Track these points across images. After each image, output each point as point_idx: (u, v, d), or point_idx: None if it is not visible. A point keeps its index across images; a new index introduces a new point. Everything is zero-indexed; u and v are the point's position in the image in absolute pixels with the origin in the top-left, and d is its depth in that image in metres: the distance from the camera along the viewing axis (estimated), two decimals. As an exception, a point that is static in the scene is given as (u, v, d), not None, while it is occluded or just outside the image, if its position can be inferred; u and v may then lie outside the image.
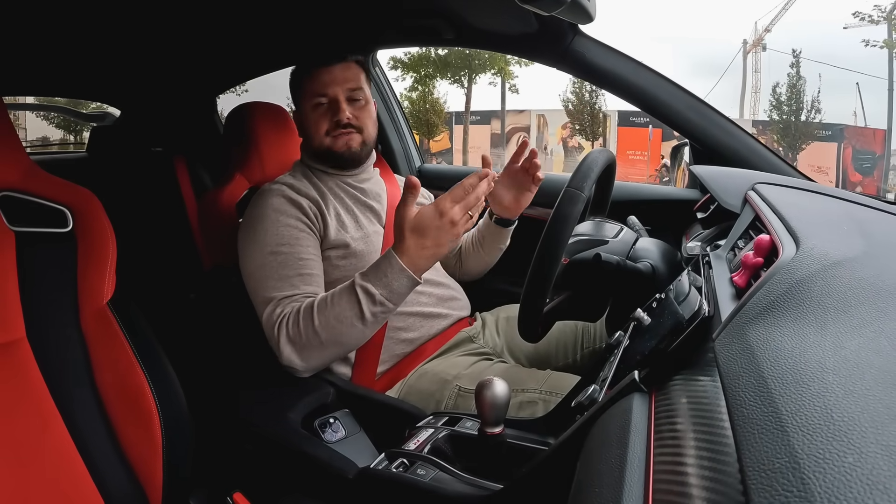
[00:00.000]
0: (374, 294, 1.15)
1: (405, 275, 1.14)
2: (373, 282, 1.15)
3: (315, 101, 1.41)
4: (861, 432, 0.32)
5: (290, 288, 1.24)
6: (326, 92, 1.40)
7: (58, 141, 16.52)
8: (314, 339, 1.17)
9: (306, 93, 1.42)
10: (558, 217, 0.96)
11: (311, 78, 1.41)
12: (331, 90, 1.40)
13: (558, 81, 29.16)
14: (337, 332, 1.16)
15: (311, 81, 1.41)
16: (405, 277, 1.14)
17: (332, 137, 1.41)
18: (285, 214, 1.31)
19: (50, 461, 0.89)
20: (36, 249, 0.96)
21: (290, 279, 1.25)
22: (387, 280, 1.15)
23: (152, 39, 1.66)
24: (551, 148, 20.44)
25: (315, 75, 1.41)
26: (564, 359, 1.43)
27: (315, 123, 1.41)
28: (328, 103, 1.41)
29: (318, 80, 1.40)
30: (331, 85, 1.40)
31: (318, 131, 1.41)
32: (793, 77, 17.55)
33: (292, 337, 1.18)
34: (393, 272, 1.14)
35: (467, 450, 0.98)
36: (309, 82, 1.41)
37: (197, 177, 2.09)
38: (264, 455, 1.09)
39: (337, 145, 1.41)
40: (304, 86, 1.42)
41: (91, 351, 0.96)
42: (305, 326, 1.17)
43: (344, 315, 1.15)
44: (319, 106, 1.41)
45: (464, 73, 19.94)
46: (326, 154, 1.43)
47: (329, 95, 1.40)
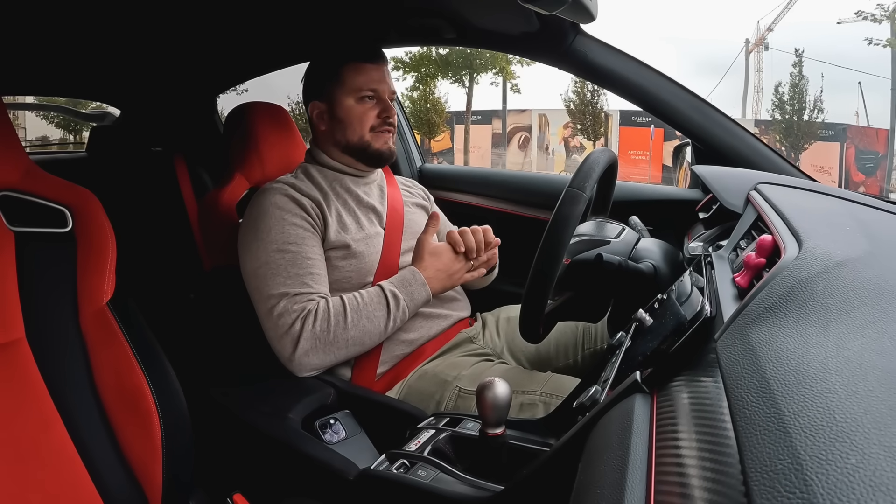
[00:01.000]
0: (400, 299, 1.27)
1: (425, 289, 1.30)
2: (399, 288, 1.28)
3: (361, 95, 1.40)
4: (864, 433, 0.32)
5: (302, 286, 1.25)
6: (376, 88, 1.41)
7: (57, 140, 16.57)
8: (341, 336, 1.22)
9: (349, 85, 1.40)
10: (560, 217, 0.96)
11: (359, 71, 1.40)
12: (381, 87, 1.42)
13: (560, 81, 29.23)
14: (364, 332, 1.24)
15: (359, 75, 1.40)
16: (424, 291, 1.30)
17: (375, 134, 1.42)
18: (290, 213, 1.31)
19: (49, 462, 0.89)
20: (35, 249, 0.96)
21: (301, 277, 1.25)
22: (411, 290, 1.29)
23: (152, 39, 1.66)
24: (553, 148, 20.47)
25: (364, 69, 1.41)
26: (565, 359, 1.42)
27: (360, 117, 1.41)
28: (377, 98, 1.42)
29: (367, 74, 1.41)
30: (380, 82, 1.42)
31: (362, 125, 1.41)
32: (795, 76, 17.57)
33: (318, 333, 1.20)
34: (416, 284, 1.30)
35: (468, 451, 0.98)
36: (355, 75, 1.40)
37: (197, 177, 2.09)
38: (264, 456, 1.09)
39: (378, 142, 1.43)
40: (347, 77, 1.40)
41: (90, 351, 0.95)
42: (336, 323, 1.21)
43: (375, 315, 1.25)
44: (366, 100, 1.41)
45: (465, 73, 19.98)
46: (362, 149, 1.43)
47: (378, 92, 1.41)
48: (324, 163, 1.46)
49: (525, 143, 20.69)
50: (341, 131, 1.43)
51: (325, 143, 1.47)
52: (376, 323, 1.24)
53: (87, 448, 0.92)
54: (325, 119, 1.44)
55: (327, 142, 1.46)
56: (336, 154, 1.45)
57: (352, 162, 1.45)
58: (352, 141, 1.42)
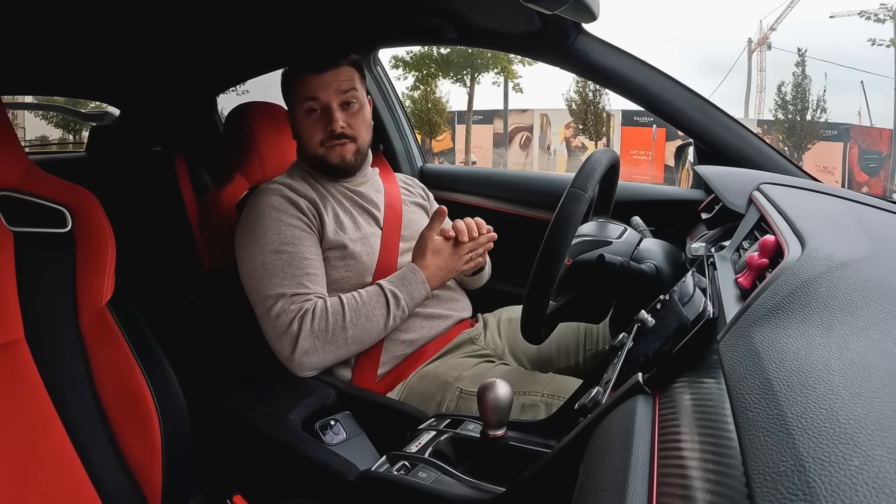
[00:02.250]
0: (400, 298, 1.27)
1: (425, 287, 1.31)
2: (398, 287, 1.28)
3: (307, 107, 1.38)
4: (867, 435, 0.32)
5: (299, 286, 1.25)
6: (318, 97, 1.36)
7: (57, 140, 16.58)
8: (340, 335, 1.22)
9: (297, 97, 1.38)
10: (561, 218, 0.96)
11: (302, 82, 1.37)
12: (323, 96, 1.36)
13: (561, 81, 29.22)
14: (364, 330, 1.24)
15: (302, 86, 1.37)
16: (424, 289, 1.31)
17: (325, 148, 1.39)
18: (286, 214, 1.31)
19: (48, 462, 0.88)
20: (34, 250, 0.95)
21: (298, 278, 1.25)
22: (410, 288, 1.29)
23: (152, 38, 1.66)
24: (554, 148, 20.46)
25: (306, 80, 1.37)
26: (567, 361, 1.41)
27: (308, 131, 1.39)
28: (320, 110, 1.37)
29: (308, 84, 1.37)
30: (323, 90, 1.36)
31: (311, 140, 1.39)
32: (798, 76, 17.55)
33: (317, 332, 1.20)
34: (416, 282, 1.30)
35: (469, 452, 0.97)
36: (300, 86, 1.38)
37: (197, 177, 2.08)
38: (264, 457, 1.09)
39: (331, 156, 1.40)
40: (295, 90, 1.39)
41: (90, 352, 0.95)
42: (335, 322, 1.21)
43: (374, 314, 1.25)
44: (311, 112, 1.38)
45: (466, 72, 19.96)
46: (319, 163, 1.41)
47: (321, 101, 1.37)
48: (306, 170, 1.46)
49: (526, 143, 20.69)
50: (300, 146, 1.45)
51: (299, 153, 1.48)
52: (375, 322, 1.25)
53: (86, 449, 0.91)
54: (292, 131, 1.46)
55: (300, 153, 1.48)
56: (309, 165, 1.45)
57: (320, 173, 1.45)
58: (308, 154, 1.42)
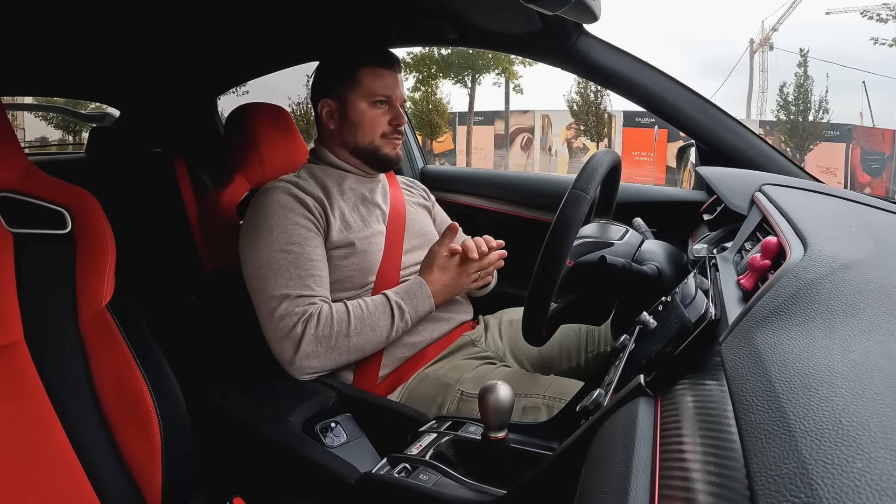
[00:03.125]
0: (405, 311, 1.28)
1: (429, 301, 1.31)
2: (404, 300, 1.29)
3: (375, 99, 1.42)
4: (870, 437, 0.32)
5: (304, 288, 1.24)
6: (391, 94, 1.43)
7: (56, 141, 16.62)
8: (343, 342, 1.22)
9: (365, 88, 1.41)
10: (563, 219, 0.95)
11: (376, 75, 1.41)
12: (394, 94, 1.43)
13: (563, 82, 29.21)
14: (367, 340, 1.24)
15: (376, 79, 1.41)
16: (429, 304, 1.31)
17: (386, 139, 1.44)
18: (293, 212, 1.31)
19: (48, 464, 0.88)
20: (34, 251, 0.95)
21: (303, 279, 1.25)
22: (416, 302, 1.30)
23: (152, 39, 1.66)
24: (556, 149, 20.49)
25: (381, 74, 1.42)
26: (568, 363, 1.41)
27: (372, 121, 1.42)
28: (389, 105, 1.43)
29: (384, 79, 1.42)
30: (394, 89, 1.43)
31: (374, 129, 1.43)
32: (800, 76, 17.57)
33: (321, 337, 1.20)
34: (422, 296, 1.31)
35: (471, 455, 0.97)
36: (372, 79, 1.41)
37: (197, 178, 2.08)
38: (265, 459, 1.09)
39: (387, 147, 1.45)
40: (364, 81, 1.41)
41: (90, 354, 0.95)
42: (339, 329, 1.21)
43: (378, 324, 1.25)
44: (379, 104, 1.42)
45: (467, 73, 20.00)
46: (371, 153, 1.44)
47: (391, 98, 1.43)
48: (329, 161, 1.46)
49: (528, 145, 20.72)
50: (351, 133, 1.44)
51: (332, 142, 1.47)
52: (379, 332, 1.25)
53: (86, 451, 0.91)
54: (336, 119, 1.45)
55: (334, 141, 1.46)
56: (343, 154, 1.46)
57: (359, 164, 1.46)
58: (361, 144, 1.43)
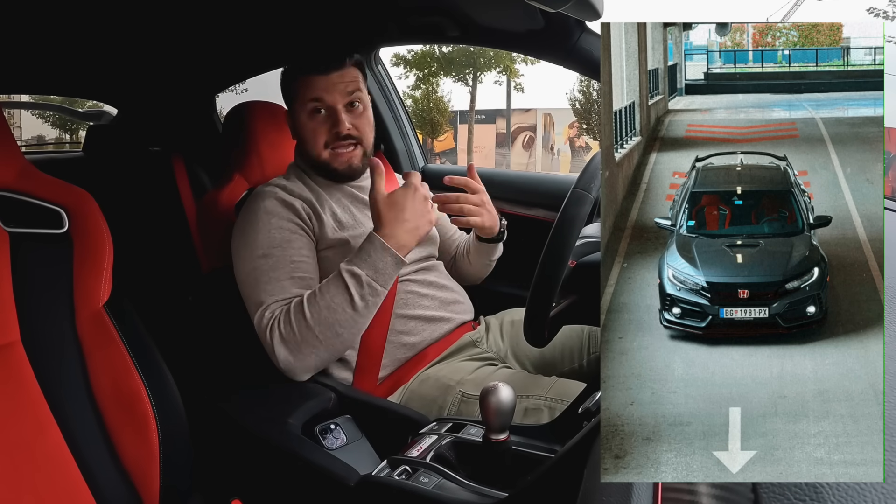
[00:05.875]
0: (360, 275, 1.17)
1: (388, 252, 1.18)
2: (357, 264, 1.18)
3: (311, 108, 1.35)
4: None
5: (281, 291, 1.23)
6: (323, 98, 1.34)
7: (53, 140, 16.64)
8: (308, 335, 1.17)
9: (300, 98, 1.36)
10: (565, 219, 0.94)
11: (306, 83, 1.35)
12: (329, 97, 1.34)
13: (565, 80, 29.19)
14: (330, 322, 1.16)
15: (306, 86, 1.35)
16: (388, 255, 1.18)
17: (331, 151, 1.37)
18: (277, 217, 1.30)
19: (45, 467, 0.88)
20: (30, 250, 0.94)
21: (281, 282, 1.24)
22: (371, 260, 1.18)
23: (150, 36, 1.66)
24: (558, 148, 20.50)
25: (310, 80, 1.34)
26: (570, 364, 1.40)
27: (312, 133, 1.36)
28: (326, 112, 1.35)
29: (313, 85, 1.34)
30: (329, 92, 1.34)
31: (315, 142, 1.36)
32: (802, 76, 17.58)
33: (285, 337, 1.18)
34: (375, 251, 1.18)
35: (472, 457, 0.97)
36: (303, 87, 1.35)
37: (195, 177, 2.07)
38: (264, 462, 1.09)
39: (337, 161, 1.37)
40: (298, 90, 1.36)
41: (87, 354, 0.94)
42: (298, 323, 1.17)
43: (334, 302, 1.17)
44: (316, 114, 1.35)
45: (468, 71, 19.96)
46: (324, 167, 1.39)
47: (326, 103, 1.34)
48: (305, 171, 1.44)
49: (529, 143, 20.74)
50: (302, 147, 1.41)
51: (299, 154, 1.45)
52: (340, 310, 1.16)
53: (83, 453, 0.91)
54: (292, 131, 1.43)
55: (301, 155, 1.44)
56: (310, 168, 1.43)
57: (322, 177, 1.42)
58: (312, 157, 1.39)
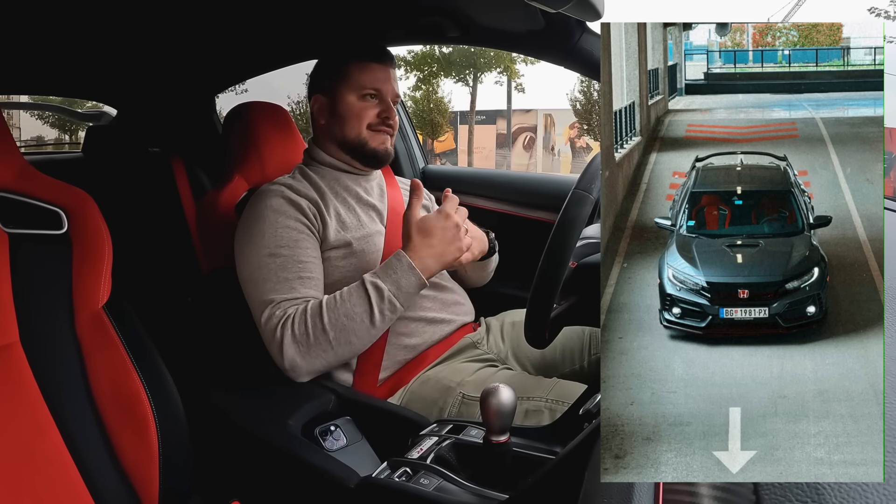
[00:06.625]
0: (384, 290, 1.19)
1: (413, 273, 1.20)
2: (382, 278, 1.20)
3: (363, 93, 1.40)
4: None
5: (290, 290, 1.23)
6: (380, 88, 1.41)
7: (52, 140, 16.62)
8: (322, 339, 1.17)
9: (353, 82, 1.40)
10: (566, 220, 0.94)
11: (364, 69, 1.40)
12: (384, 88, 1.42)
13: (566, 80, 29.16)
14: (347, 331, 1.18)
15: (364, 73, 1.40)
16: (413, 276, 1.20)
17: (372, 132, 1.41)
18: (284, 215, 1.30)
19: (43, 468, 0.87)
20: (29, 251, 0.94)
21: (290, 282, 1.24)
22: (396, 277, 1.20)
23: (149, 37, 1.65)
24: (559, 148, 20.50)
25: (369, 68, 1.41)
26: (571, 365, 1.40)
27: (359, 113, 1.41)
28: (378, 99, 1.42)
29: (372, 73, 1.41)
30: (385, 83, 1.42)
31: (360, 121, 1.41)
32: (804, 75, 17.56)
33: (298, 337, 1.18)
34: (402, 269, 1.20)
35: (472, 459, 0.96)
36: (360, 73, 1.40)
37: (195, 178, 2.07)
38: (263, 463, 1.08)
39: (375, 141, 1.42)
40: (352, 74, 1.41)
41: (86, 355, 0.94)
42: (314, 325, 1.17)
43: (354, 312, 1.18)
44: (367, 98, 1.41)
45: (469, 72, 19.96)
46: (359, 147, 1.42)
47: (381, 92, 1.41)
48: (322, 160, 1.46)
49: (530, 144, 20.73)
50: (339, 126, 1.42)
51: (323, 138, 1.46)
52: (358, 320, 1.18)
53: (82, 454, 0.90)
54: (326, 113, 1.44)
55: (325, 137, 1.46)
56: (334, 150, 1.45)
57: (349, 160, 1.45)
58: (349, 137, 1.42)
